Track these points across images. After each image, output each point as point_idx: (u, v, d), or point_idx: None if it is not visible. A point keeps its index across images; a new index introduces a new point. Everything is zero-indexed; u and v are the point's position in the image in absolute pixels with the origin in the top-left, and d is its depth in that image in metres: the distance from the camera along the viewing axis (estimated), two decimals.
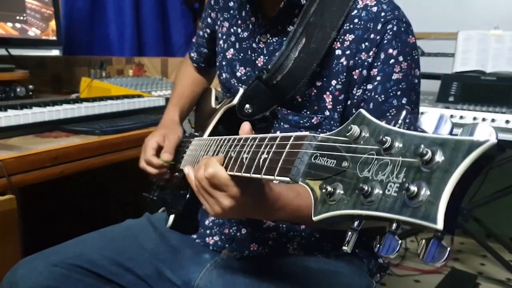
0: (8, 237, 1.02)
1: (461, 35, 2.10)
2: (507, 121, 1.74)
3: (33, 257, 0.93)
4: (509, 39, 2.03)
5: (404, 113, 0.45)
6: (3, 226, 1.00)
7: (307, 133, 0.56)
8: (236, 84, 1.02)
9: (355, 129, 0.47)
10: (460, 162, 0.36)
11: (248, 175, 0.62)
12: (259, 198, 0.69)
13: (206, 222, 1.01)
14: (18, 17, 1.68)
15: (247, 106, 0.90)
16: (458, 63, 2.09)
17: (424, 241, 0.39)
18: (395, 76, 0.84)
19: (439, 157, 0.38)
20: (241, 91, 0.93)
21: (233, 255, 0.96)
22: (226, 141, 0.74)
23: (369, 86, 0.85)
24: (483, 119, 1.77)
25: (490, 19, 2.15)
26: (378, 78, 0.84)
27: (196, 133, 1.07)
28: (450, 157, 0.37)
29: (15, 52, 1.81)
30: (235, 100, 0.94)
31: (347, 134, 0.48)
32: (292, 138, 0.58)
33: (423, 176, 0.39)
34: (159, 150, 1.06)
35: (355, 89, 0.87)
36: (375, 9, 0.86)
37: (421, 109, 1.93)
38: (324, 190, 0.47)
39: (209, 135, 0.99)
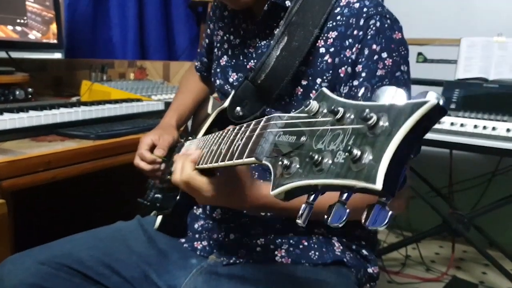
0: None
1: (464, 42, 2.08)
2: (508, 130, 1.71)
3: (21, 254, 0.94)
4: None
5: (362, 90, 0.46)
6: None
7: (274, 114, 0.57)
8: (229, 89, 1.03)
9: (314, 104, 0.48)
10: (402, 124, 0.37)
11: (223, 163, 0.63)
12: (243, 185, 0.74)
13: (196, 226, 1.02)
14: (18, 20, 1.69)
15: (238, 109, 0.91)
16: (461, 70, 2.07)
17: (367, 207, 0.39)
18: (379, 73, 0.83)
19: (383, 122, 0.38)
20: (232, 93, 0.94)
21: (220, 261, 0.95)
22: (211, 137, 0.75)
23: (355, 83, 0.85)
24: (484, 127, 1.75)
25: (494, 26, 2.13)
26: (363, 74, 0.84)
27: (190, 137, 1.08)
28: (394, 120, 0.38)
29: (16, 55, 1.82)
30: (226, 103, 0.95)
31: (306, 109, 0.49)
32: (262, 121, 0.58)
33: (368, 141, 0.39)
34: (153, 148, 1.07)
35: (342, 86, 0.87)
36: (357, 5, 0.87)
37: None
38: (280, 163, 0.48)
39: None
